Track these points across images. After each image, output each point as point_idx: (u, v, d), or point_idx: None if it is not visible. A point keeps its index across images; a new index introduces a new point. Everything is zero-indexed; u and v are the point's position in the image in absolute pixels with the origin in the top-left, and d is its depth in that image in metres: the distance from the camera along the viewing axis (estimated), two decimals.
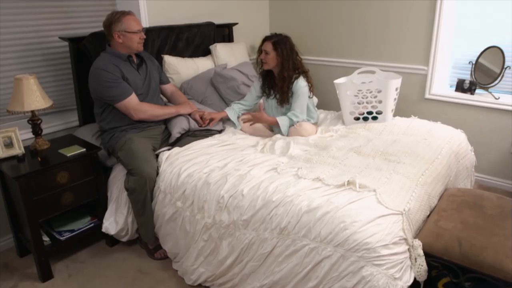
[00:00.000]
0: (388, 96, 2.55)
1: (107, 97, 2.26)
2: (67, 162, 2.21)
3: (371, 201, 1.70)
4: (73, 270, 2.33)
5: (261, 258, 1.82)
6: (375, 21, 3.29)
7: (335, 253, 1.60)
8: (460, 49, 3.10)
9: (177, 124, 2.47)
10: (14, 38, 2.49)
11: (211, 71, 3.01)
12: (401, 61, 3.24)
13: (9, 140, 2.20)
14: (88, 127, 2.61)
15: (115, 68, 2.25)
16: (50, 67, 2.68)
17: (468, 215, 1.83)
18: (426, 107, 3.20)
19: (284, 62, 2.53)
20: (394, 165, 2.02)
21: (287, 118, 2.57)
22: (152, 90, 2.46)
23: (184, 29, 3.04)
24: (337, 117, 2.84)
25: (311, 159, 2.14)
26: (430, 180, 1.99)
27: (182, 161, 2.22)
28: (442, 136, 2.42)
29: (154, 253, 2.38)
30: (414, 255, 1.62)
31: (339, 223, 1.61)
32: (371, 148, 2.24)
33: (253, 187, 1.90)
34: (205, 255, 2.03)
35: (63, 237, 2.34)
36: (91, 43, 2.49)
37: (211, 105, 2.88)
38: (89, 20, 2.80)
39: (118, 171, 2.42)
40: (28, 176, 2.07)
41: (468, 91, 3.01)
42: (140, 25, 2.31)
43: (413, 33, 3.12)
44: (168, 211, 2.18)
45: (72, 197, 2.27)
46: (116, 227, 2.34)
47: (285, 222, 1.73)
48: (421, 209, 1.83)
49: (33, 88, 2.18)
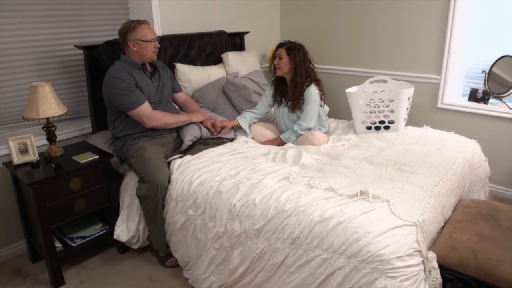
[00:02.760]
0: (401, 106, 2.54)
1: (120, 105, 2.29)
2: (80, 169, 2.23)
3: (384, 212, 1.69)
4: (84, 276, 2.34)
5: (272, 268, 1.81)
6: (387, 30, 3.29)
7: (348, 264, 1.58)
8: (473, 58, 3.08)
9: (189, 132, 2.48)
10: (30, 46, 2.53)
11: (223, 80, 3.02)
12: (413, 70, 3.23)
13: (24, 147, 2.23)
14: (101, 134, 2.63)
15: (129, 76, 2.27)
16: (64, 74, 2.72)
17: (483, 227, 1.81)
18: (438, 117, 3.17)
19: (297, 68, 2.54)
20: (407, 175, 2.00)
21: (290, 131, 2.63)
22: (165, 98, 2.48)
23: (196, 37, 3.07)
24: (348, 126, 2.83)
25: (323, 168, 2.13)
26: (444, 191, 1.96)
27: (193, 169, 2.23)
28: (456, 146, 2.39)
29: (164, 261, 2.38)
30: (428, 268, 1.60)
31: (352, 234, 1.60)
32: (384, 158, 2.23)
33: (265, 196, 1.90)
34: (216, 264, 2.03)
35: (75, 243, 2.35)
36: (105, 51, 2.52)
37: (222, 113, 2.89)
38: (103, 29, 2.85)
39: (130, 178, 2.43)
40: (42, 183, 2.09)
41: (482, 100, 2.99)
42: (154, 34, 2.33)
43: (426, 42, 3.11)
44: (179, 219, 2.18)
45: (85, 204, 2.28)
46: (127, 234, 2.35)
47: (297, 232, 1.72)
48: (435, 220, 1.80)
49: (48, 96, 2.21)
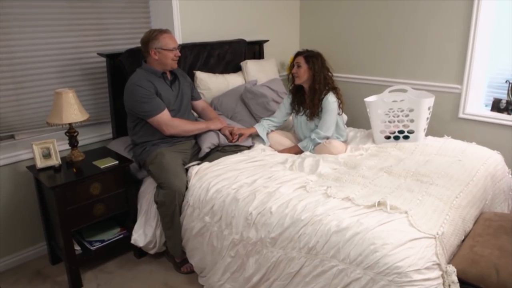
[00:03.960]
0: (421, 115, 2.51)
1: (140, 112, 2.33)
2: (100, 174, 2.27)
3: (402, 223, 1.66)
4: (101, 280, 2.37)
5: (288, 278, 1.80)
6: (407, 38, 3.26)
7: (365, 275, 1.56)
8: (496, 68, 3.02)
9: (207, 139, 2.51)
10: (54, 54, 2.61)
11: (241, 87, 3.05)
12: (434, 79, 3.18)
13: (47, 151, 2.29)
14: (121, 139, 2.68)
15: (149, 84, 2.31)
16: (87, 81, 2.79)
17: (505, 241, 1.76)
18: (459, 127, 3.11)
19: (316, 75, 2.55)
20: (427, 186, 1.97)
21: (308, 139, 2.62)
22: (184, 106, 2.51)
23: (216, 45, 3.11)
24: (367, 136, 2.80)
25: (340, 178, 2.12)
26: (464, 203, 1.92)
27: (211, 176, 2.24)
28: (478, 157, 2.34)
29: (180, 267, 2.39)
30: (447, 282, 1.56)
31: (369, 245, 1.58)
32: (402, 168, 2.20)
33: (281, 205, 1.89)
34: (232, 271, 2.03)
35: (94, 247, 2.39)
36: (127, 59, 2.58)
37: (240, 121, 2.91)
38: (125, 37, 2.91)
39: (148, 184, 2.47)
40: (64, 187, 2.14)
41: (505, 111, 2.92)
42: (176, 43, 2.37)
43: (447, 51, 3.06)
44: (196, 226, 2.20)
45: (104, 208, 2.32)
46: (144, 240, 2.38)
47: (313, 242, 1.71)
48: (455, 233, 1.76)
49: (71, 102, 2.27)
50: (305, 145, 2.61)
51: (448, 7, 2.97)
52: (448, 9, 2.98)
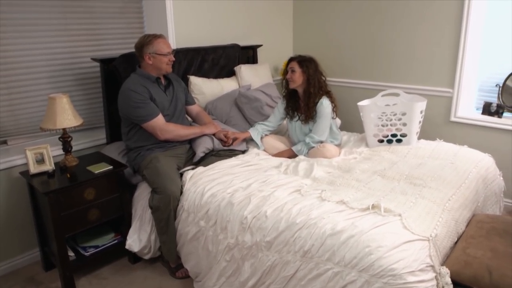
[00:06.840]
0: (413, 119, 2.53)
1: (135, 117, 2.33)
2: (94, 179, 2.26)
3: (396, 226, 1.67)
4: (96, 286, 2.35)
5: (283, 281, 1.80)
6: (399, 43, 3.30)
7: (360, 278, 1.57)
8: (487, 72, 3.07)
9: (202, 143, 2.51)
10: (48, 59, 2.60)
11: (236, 92, 3.06)
12: (426, 83, 3.22)
13: (41, 157, 2.28)
14: (115, 144, 2.68)
15: (143, 89, 2.32)
16: (81, 86, 2.79)
17: (498, 242, 1.78)
18: (451, 130, 3.15)
19: (310, 79, 2.58)
20: (420, 189, 1.99)
21: (302, 143, 2.64)
22: (178, 111, 2.51)
23: (210, 50, 3.12)
24: (360, 139, 2.82)
25: (334, 181, 2.13)
26: (457, 206, 1.94)
27: (206, 181, 2.24)
28: (469, 160, 2.37)
29: (175, 272, 2.39)
30: (441, 283, 1.58)
31: (364, 248, 1.59)
32: (396, 171, 2.22)
33: (276, 209, 1.90)
34: (227, 276, 2.03)
35: (88, 252, 2.38)
36: (121, 64, 2.58)
37: (235, 125, 2.91)
38: (119, 42, 2.91)
39: (142, 189, 2.46)
40: (57, 192, 2.12)
41: (495, 114, 2.96)
42: (170, 47, 2.38)
43: (438, 55, 3.11)
44: (191, 230, 2.19)
45: (98, 214, 2.31)
46: (139, 245, 2.37)
47: (308, 245, 1.72)
48: (448, 235, 1.78)
49: (65, 107, 2.26)
50: (299, 149, 2.63)
51: (439, 12, 3.01)
52: (439, 14, 3.02)
